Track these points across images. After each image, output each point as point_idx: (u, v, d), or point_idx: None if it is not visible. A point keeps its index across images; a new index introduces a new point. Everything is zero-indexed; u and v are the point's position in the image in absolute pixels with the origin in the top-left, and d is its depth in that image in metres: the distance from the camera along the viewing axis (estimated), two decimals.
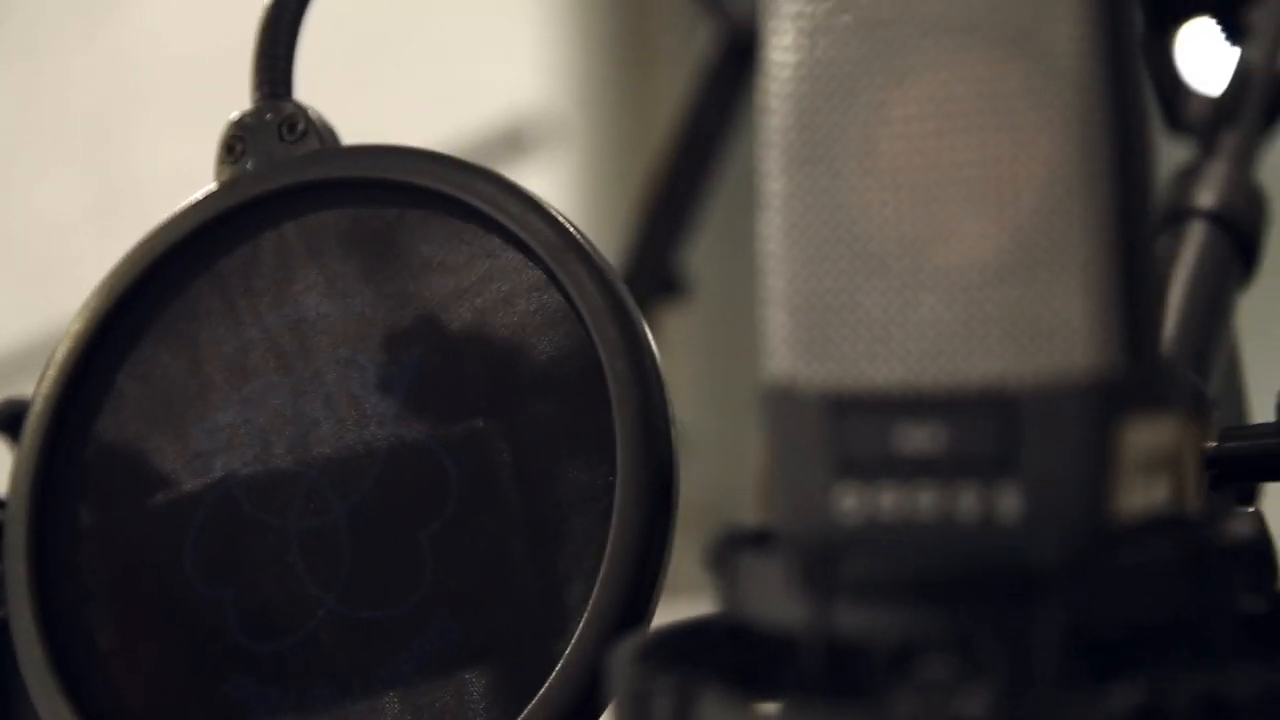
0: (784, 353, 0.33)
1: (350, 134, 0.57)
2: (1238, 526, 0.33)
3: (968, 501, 0.31)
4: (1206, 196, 0.58)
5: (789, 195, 0.33)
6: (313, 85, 0.55)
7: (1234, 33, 0.67)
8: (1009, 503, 0.31)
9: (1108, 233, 0.31)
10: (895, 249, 0.32)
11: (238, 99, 0.51)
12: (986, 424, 0.31)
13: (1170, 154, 0.65)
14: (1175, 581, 0.31)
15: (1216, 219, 0.57)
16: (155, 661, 0.47)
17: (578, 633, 0.42)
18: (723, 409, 1.29)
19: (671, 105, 0.93)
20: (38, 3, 2.65)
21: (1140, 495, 0.32)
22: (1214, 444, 0.48)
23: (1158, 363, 0.33)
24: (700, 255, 0.92)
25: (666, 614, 0.40)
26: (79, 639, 0.48)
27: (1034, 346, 0.31)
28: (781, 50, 0.33)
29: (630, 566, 0.43)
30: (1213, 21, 0.67)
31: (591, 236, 0.46)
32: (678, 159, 0.81)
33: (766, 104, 0.33)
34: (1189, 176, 0.60)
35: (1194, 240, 0.56)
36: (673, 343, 0.98)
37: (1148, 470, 0.32)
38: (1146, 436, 0.32)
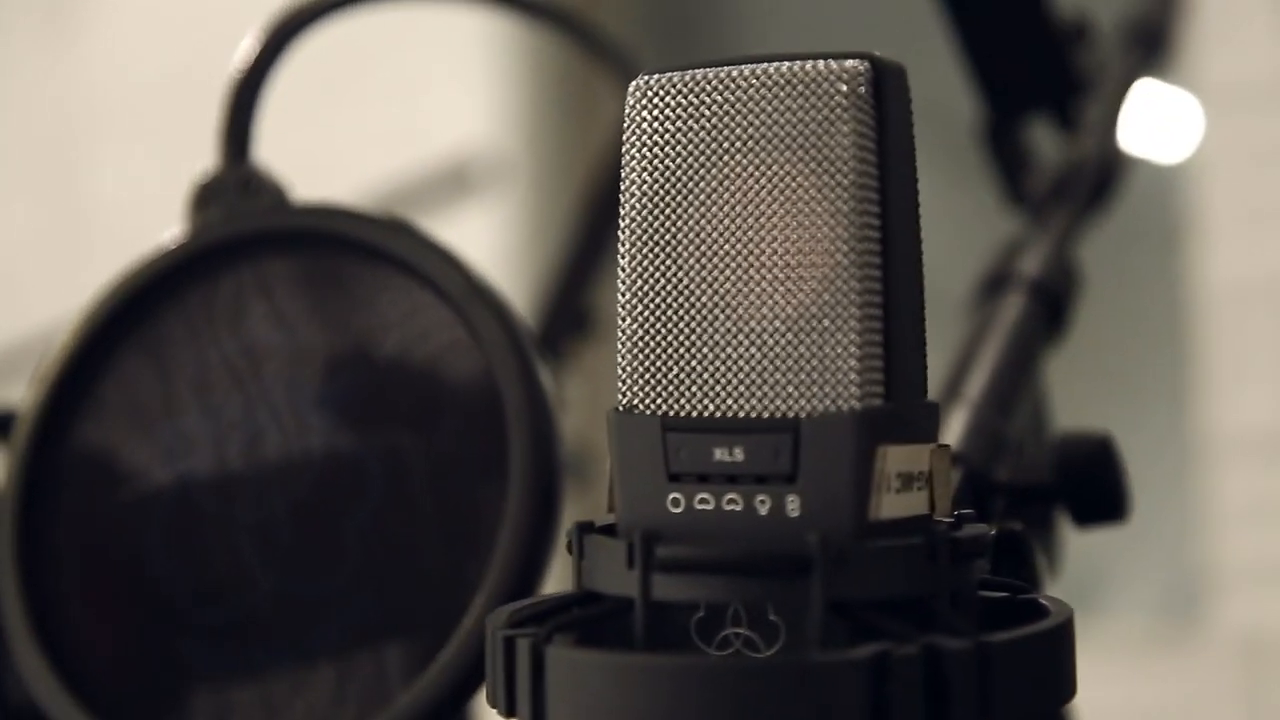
0: (628, 386, 0.42)
1: (304, 170, 0.66)
2: (974, 531, 0.43)
3: (762, 504, 0.41)
4: (1030, 265, 0.68)
5: (637, 265, 0.42)
6: (269, 125, 0.63)
7: (1068, 122, 0.78)
8: (792, 505, 0.41)
9: (874, 305, 0.41)
10: (716, 310, 0.42)
11: (192, 127, 0.60)
12: (777, 446, 0.41)
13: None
14: (914, 568, 0.41)
15: (1035, 287, 0.67)
16: (121, 627, 0.56)
17: (473, 609, 0.52)
18: None
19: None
20: (1, 30, 2.72)
21: (897, 503, 0.42)
22: (1007, 478, 0.58)
23: (915, 403, 0.43)
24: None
25: None
26: (57, 609, 0.57)
27: (815, 388, 0.41)
28: (636, 155, 0.43)
29: (520, 557, 0.52)
30: (1050, 111, 0.78)
31: (532, 273, 0.55)
32: (593, 207, 0.91)
33: (624, 195, 0.43)
34: (1017, 246, 0.70)
35: (1013, 304, 0.66)
36: (595, 373, 1.07)
37: (903, 484, 0.42)
38: (901, 459, 0.42)
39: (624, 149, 0.43)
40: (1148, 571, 2.17)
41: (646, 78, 0.43)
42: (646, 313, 0.42)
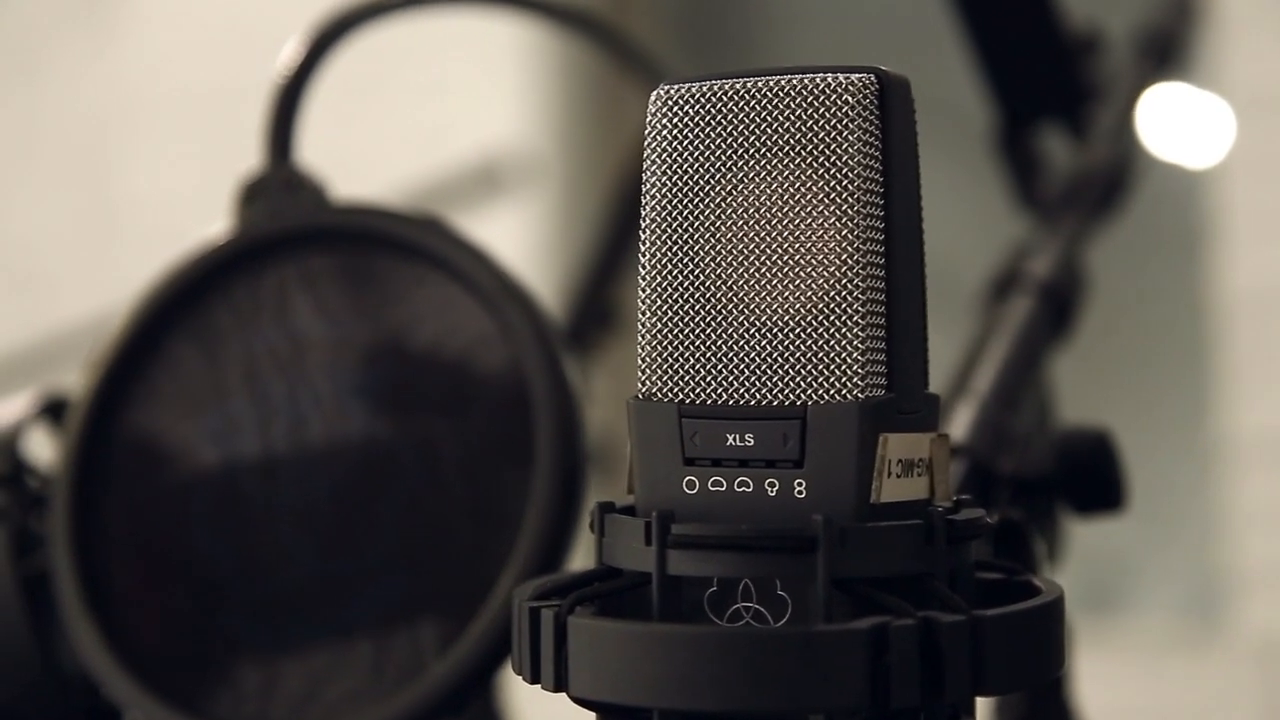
0: (647, 376, 0.45)
1: (339, 167, 0.69)
2: (971, 515, 0.46)
3: (771, 486, 0.44)
4: (1039, 268, 0.71)
5: (656, 263, 0.45)
6: (306, 123, 0.66)
7: (1080, 129, 0.80)
8: (799, 488, 0.43)
9: (878, 301, 0.44)
10: (729, 305, 0.45)
11: (220, 129, 0.63)
12: (786, 433, 0.44)
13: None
14: (912, 548, 0.44)
15: (1043, 289, 0.70)
16: (169, 603, 0.60)
17: (501, 585, 0.55)
18: None
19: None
20: (41, 31, 2.76)
21: (898, 488, 0.44)
22: (1011, 470, 0.60)
23: (916, 394, 0.46)
24: None
25: None
26: (109, 584, 0.60)
27: (821, 378, 0.44)
28: (655, 160, 0.46)
29: (545, 536, 0.55)
30: (1062, 118, 0.80)
31: (561, 270, 0.58)
32: (618, 207, 0.94)
33: (645, 197, 0.46)
34: (1027, 249, 0.73)
35: (1021, 304, 0.69)
36: (620, 366, 1.10)
37: (904, 470, 0.45)
38: (901, 447, 0.44)
39: (645, 155, 0.46)
40: (1169, 573, 2.19)
41: (666, 88, 0.46)
42: (664, 308, 0.45)
